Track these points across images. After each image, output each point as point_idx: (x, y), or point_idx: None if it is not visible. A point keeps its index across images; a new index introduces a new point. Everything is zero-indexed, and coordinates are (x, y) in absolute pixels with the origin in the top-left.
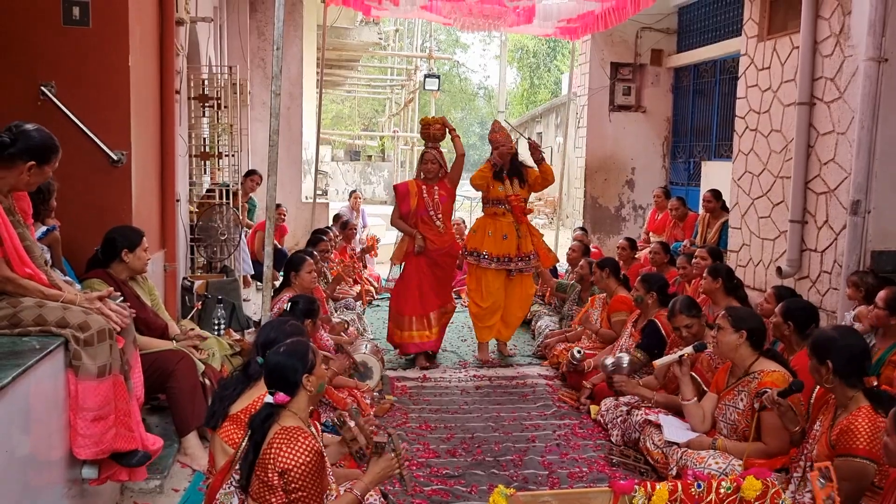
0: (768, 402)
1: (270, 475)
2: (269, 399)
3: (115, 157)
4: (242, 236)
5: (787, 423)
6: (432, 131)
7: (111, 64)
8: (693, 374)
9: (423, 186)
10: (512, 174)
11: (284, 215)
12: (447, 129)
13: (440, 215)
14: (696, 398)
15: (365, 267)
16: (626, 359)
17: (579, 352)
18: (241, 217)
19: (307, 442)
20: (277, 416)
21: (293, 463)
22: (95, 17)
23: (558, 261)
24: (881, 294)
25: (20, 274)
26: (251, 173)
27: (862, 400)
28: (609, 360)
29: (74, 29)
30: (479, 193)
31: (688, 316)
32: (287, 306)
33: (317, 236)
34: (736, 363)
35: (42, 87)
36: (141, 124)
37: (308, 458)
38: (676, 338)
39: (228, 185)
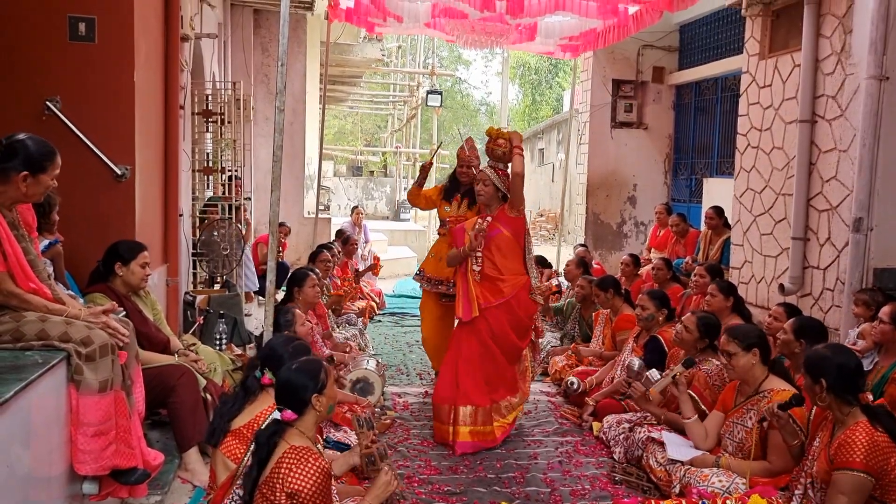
0: (768, 414)
1: (279, 495)
2: (276, 415)
3: (119, 172)
4: (247, 251)
5: (786, 436)
6: (492, 147)
7: (116, 79)
8: (690, 392)
9: (478, 218)
10: (464, 196)
11: (287, 233)
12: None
13: (478, 256)
14: (696, 416)
15: (358, 282)
16: (656, 375)
17: (572, 383)
18: (243, 233)
19: (317, 463)
20: (284, 434)
21: (304, 485)
22: (101, 33)
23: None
24: (886, 309)
25: (24, 288)
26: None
27: (859, 415)
28: (638, 363)
29: (80, 45)
30: None
31: (696, 326)
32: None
33: (318, 249)
34: (748, 382)
35: (47, 102)
36: (145, 139)
37: (318, 480)
38: (676, 352)
39: (232, 199)
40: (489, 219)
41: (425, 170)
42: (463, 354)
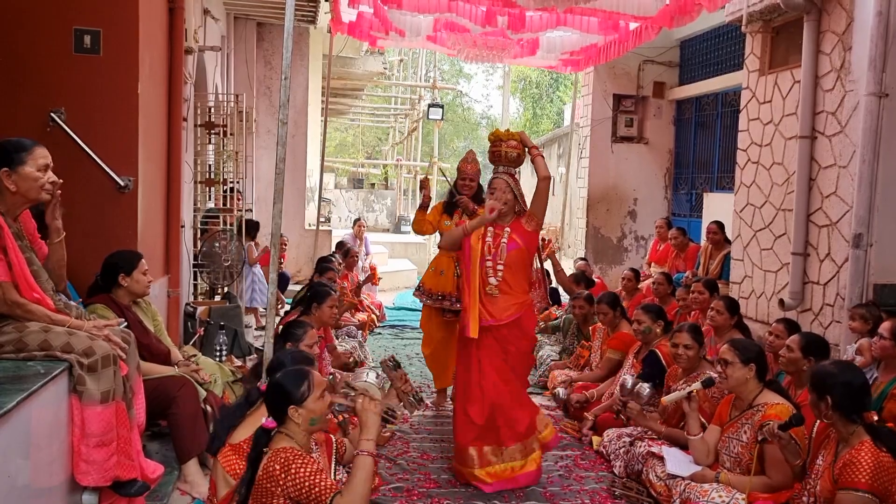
0: (769, 434)
1: (276, 500)
2: (263, 419)
3: (122, 183)
4: (256, 268)
5: (788, 456)
6: (504, 150)
7: (120, 91)
8: None
9: (491, 227)
10: (465, 210)
11: (286, 244)
12: (526, 148)
13: (500, 268)
14: (702, 434)
15: (358, 294)
16: (647, 389)
17: (557, 393)
18: (244, 246)
19: (299, 460)
20: (273, 441)
21: (291, 485)
22: (106, 45)
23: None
24: (886, 325)
25: (28, 298)
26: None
27: (863, 434)
28: (630, 381)
29: (85, 57)
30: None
31: (692, 338)
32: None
33: (324, 265)
34: (742, 396)
35: (52, 114)
36: (148, 151)
37: (298, 477)
38: (675, 369)
39: (232, 211)
40: (508, 230)
41: (426, 187)
42: (475, 388)
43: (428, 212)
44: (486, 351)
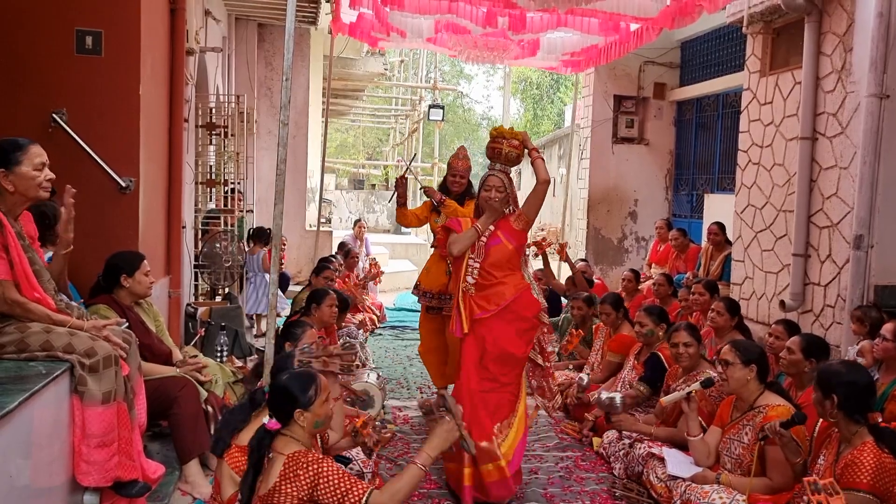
0: (770, 431)
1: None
2: (265, 420)
3: (123, 184)
4: (266, 277)
5: (788, 455)
6: (506, 149)
7: (122, 92)
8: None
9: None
10: (432, 200)
11: (284, 244)
12: (526, 149)
13: (475, 264)
14: (702, 434)
15: (364, 289)
16: (618, 398)
17: (581, 379)
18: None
19: (316, 463)
20: (277, 443)
21: (324, 490)
22: (108, 46)
23: None
24: (888, 326)
25: (29, 298)
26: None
27: (866, 435)
28: (604, 396)
29: (87, 58)
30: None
31: (690, 335)
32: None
33: (321, 264)
34: (743, 397)
35: (53, 115)
36: (149, 152)
37: (324, 479)
38: (675, 368)
39: (233, 212)
40: (491, 227)
41: (401, 186)
42: (464, 386)
43: (409, 209)
44: (468, 347)
